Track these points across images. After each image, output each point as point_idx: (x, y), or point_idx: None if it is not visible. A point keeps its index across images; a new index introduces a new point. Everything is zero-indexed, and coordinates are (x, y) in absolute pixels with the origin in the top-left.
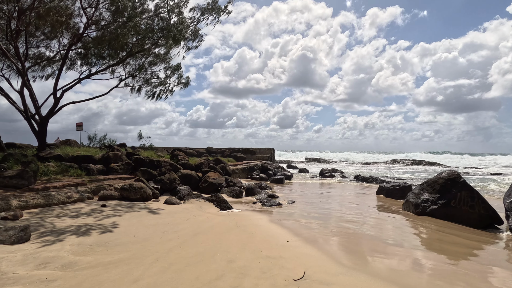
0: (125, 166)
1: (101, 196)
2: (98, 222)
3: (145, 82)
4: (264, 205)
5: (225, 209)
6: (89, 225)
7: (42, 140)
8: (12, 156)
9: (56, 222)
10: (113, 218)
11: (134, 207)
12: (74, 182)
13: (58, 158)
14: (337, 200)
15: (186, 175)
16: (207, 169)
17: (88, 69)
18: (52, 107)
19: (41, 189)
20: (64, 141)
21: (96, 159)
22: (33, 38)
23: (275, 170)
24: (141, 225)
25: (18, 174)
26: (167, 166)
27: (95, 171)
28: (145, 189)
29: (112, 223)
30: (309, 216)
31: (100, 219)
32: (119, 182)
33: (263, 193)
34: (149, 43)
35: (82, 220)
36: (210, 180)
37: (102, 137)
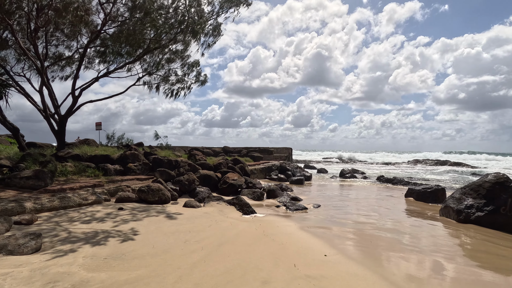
0: (142, 166)
1: (118, 198)
2: (114, 228)
3: (162, 79)
4: (289, 209)
5: (248, 214)
6: (105, 231)
7: (61, 139)
8: (30, 156)
9: (71, 228)
10: (130, 224)
11: (152, 210)
12: (91, 183)
13: (76, 157)
14: (364, 204)
15: (205, 176)
16: (226, 170)
17: (106, 68)
18: (70, 106)
19: (57, 190)
20: (83, 141)
21: (114, 159)
22: (52, 38)
23: (293, 170)
24: (160, 232)
25: (35, 175)
26: (185, 166)
27: (113, 171)
28: (163, 191)
29: (129, 229)
30: (340, 223)
31: (117, 224)
32: (137, 183)
33: (285, 195)
34: (167, 39)
35: (97, 225)
36: (230, 181)
37: (120, 136)
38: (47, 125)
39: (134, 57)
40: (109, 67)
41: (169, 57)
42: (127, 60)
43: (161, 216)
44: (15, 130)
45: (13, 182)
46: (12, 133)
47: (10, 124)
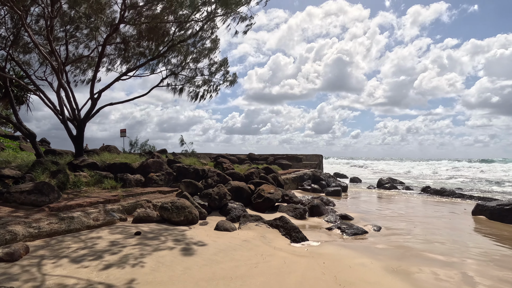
0: (165, 177)
1: (136, 218)
2: (106, 276)
3: (187, 81)
4: (345, 233)
5: (298, 241)
6: (91, 283)
7: (79, 145)
8: (41, 164)
9: (49, 270)
10: (134, 269)
11: (176, 235)
12: (106, 198)
13: (92, 166)
14: (431, 226)
15: (236, 188)
16: (258, 180)
17: (127, 68)
18: (89, 110)
19: (63, 208)
20: (104, 147)
21: (134, 168)
22: (73, 38)
23: (327, 180)
24: (182, 281)
25: (37, 189)
26: (214, 177)
27: (132, 182)
28: (190, 208)
29: (127, 282)
30: (428, 259)
31: (115, 266)
32: (159, 197)
33: (331, 212)
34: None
35: (84, 270)
36: (265, 194)
37: (143, 143)
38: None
39: (157, 53)
40: (130, 67)
41: (194, 57)
42: (150, 56)
43: (186, 248)
44: (31, 136)
45: (13, 197)
46: (28, 139)
47: (26, 130)
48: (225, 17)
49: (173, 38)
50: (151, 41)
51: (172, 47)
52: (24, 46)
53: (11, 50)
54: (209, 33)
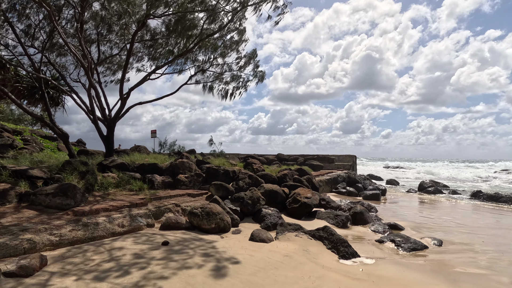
0: (194, 178)
1: (164, 224)
2: None
3: (216, 77)
4: (400, 247)
5: (347, 257)
6: None
7: (109, 145)
8: (70, 165)
9: None
10: None
11: (206, 248)
12: (132, 201)
13: (121, 167)
14: (501, 238)
15: (270, 192)
16: (292, 183)
17: (155, 65)
18: (119, 109)
19: (87, 212)
20: (135, 148)
21: (163, 169)
22: (104, 40)
23: (363, 182)
24: None
25: (62, 191)
26: (245, 179)
27: (160, 183)
28: (222, 214)
29: None
30: None
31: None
32: (188, 201)
33: (375, 220)
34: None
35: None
36: (302, 199)
37: (172, 143)
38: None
39: (185, 49)
40: (158, 64)
41: (222, 51)
42: (179, 52)
43: (219, 264)
44: (64, 136)
45: (38, 199)
46: (61, 139)
47: (59, 130)
48: (259, 5)
49: (201, 31)
50: (179, 37)
51: (200, 42)
52: (59, 48)
53: (47, 53)
54: (237, 24)
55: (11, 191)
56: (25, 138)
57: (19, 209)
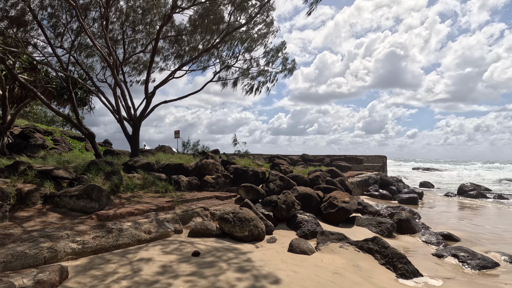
0: (222, 180)
1: (193, 231)
2: None
3: (241, 73)
4: (467, 264)
5: (408, 276)
6: None
7: (135, 145)
8: (95, 165)
9: None
10: None
11: (240, 260)
12: (159, 204)
13: (146, 167)
14: None
15: (304, 195)
16: (326, 186)
17: (180, 62)
18: (144, 108)
19: (112, 216)
20: (159, 148)
21: (189, 169)
22: (129, 39)
23: (397, 184)
24: None
25: (86, 193)
26: (276, 181)
27: (187, 185)
28: (256, 221)
29: None
30: None
31: None
32: (216, 204)
33: (423, 228)
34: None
35: None
36: (339, 204)
37: (195, 143)
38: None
39: (210, 44)
40: (184, 61)
41: (249, 46)
42: (204, 48)
43: (258, 284)
44: (90, 136)
45: (62, 201)
46: (88, 139)
47: (85, 129)
48: None
49: (229, 24)
50: (204, 32)
51: (226, 35)
52: (86, 48)
53: (75, 54)
54: (265, 15)
55: (36, 193)
56: (55, 138)
57: (42, 212)
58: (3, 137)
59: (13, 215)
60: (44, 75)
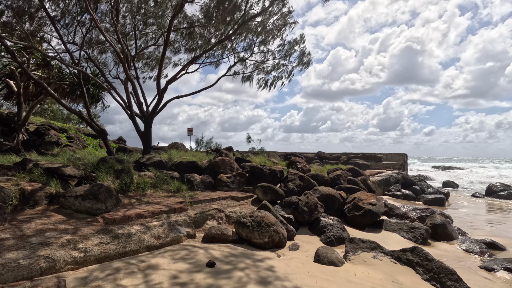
0: (237, 179)
1: (207, 236)
2: None
3: (256, 67)
4: None
5: None
6: None
7: (147, 142)
8: (105, 162)
9: None
10: None
11: (260, 272)
12: (171, 205)
13: (158, 165)
14: None
15: (327, 196)
16: (348, 185)
17: (193, 55)
18: (156, 103)
19: (119, 220)
20: (172, 145)
21: (202, 167)
22: (140, 33)
23: (421, 184)
24: None
25: (92, 194)
26: (295, 180)
27: (200, 184)
28: (277, 226)
29: None
30: None
31: None
32: (232, 205)
33: (459, 234)
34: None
35: None
36: (365, 206)
37: (209, 140)
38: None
39: (224, 36)
40: (196, 54)
41: (264, 38)
42: (218, 38)
43: None
44: (102, 132)
45: (68, 202)
46: (99, 135)
47: (97, 126)
48: None
49: (244, 12)
50: (218, 22)
51: (242, 25)
52: (98, 44)
53: (87, 49)
54: (281, 5)
55: (40, 192)
56: (70, 135)
57: (46, 214)
58: (18, 134)
59: (14, 217)
60: (58, 72)
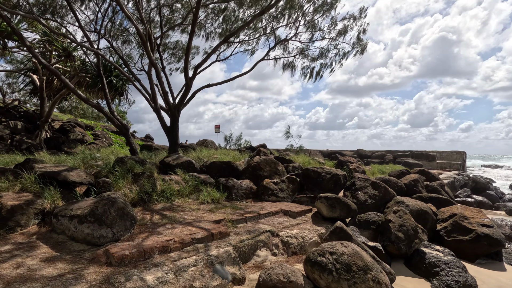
0: (286, 185)
1: (265, 284)
2: None
3: (299, 52)
4: None
5: None
6: None
7: (173, 138)
8: (123, 164)
9: None
10: None
11: None
12: (207, 228)
13: (187, 166)
14: None
15: (418, 213)
16: (431, 195)
17: (227, 34)
18: (184, 93)
19: (131, 256)
20: (201, 142)
21: (239, 169)
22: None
23: (495, 188)
24: None
25: (93, 213)
26: (367, 188)
27: (240, 191)
28: (375, 271)
29: None
30: None
31: None
32: (287, 224)
33: None
34: None
35: None
36: (476, 228)
37: (238, 137)
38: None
39: (267, 5)
40: (230, 31)
41: (310, 19)
42: (256, 11)
43: None
44: (123, 128)
45: (60, 225)
46: (121, 131)
47: (118, 121)
48: None
49: None
50: None
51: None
52: (120, 32)
53: (109, 38)
54: None
55: (27, 208)
56: (96, 133)
57: (29, 243)
58: (41, 131)
59: None
60: (80, 64)
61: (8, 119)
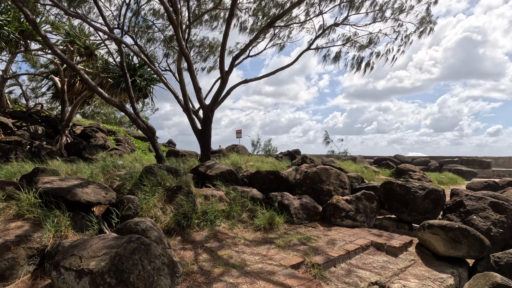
0: (363, 203)
1: None
2: None
3: (347, 40)
4: None
5: None
6: None
7: (205, 143)
8: (152, 174)
9: None
10: None
11: None
12: (284, 274)
13: (228, 177)
14: None
15: None
16: None
17: (268, 21)
18: (218, 90)
19: None
20: (231, 147)
21: (291, 181)
22: None
23: None
24: None
25: (116, 271)
26: (485, 211)
27: (299, 212)
28: None
29: None
30: None
31: None
32: (391, 267)
33: None
34: None
35: None
36: None
37: (267, 142)
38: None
39: None
40: (272, 17)
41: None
42: None
43: None
44: (150, 131)
45: (63, 279)
46: (146, 135)
47: (143, 123)
48: None
49: None
50: None
51: None
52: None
53: (134, 35)
54: None
55: (17, 249)
56: (118, 138)
57: None
58: (62, 136)
59: None
60: (103, 63)
61: (29, 123)
